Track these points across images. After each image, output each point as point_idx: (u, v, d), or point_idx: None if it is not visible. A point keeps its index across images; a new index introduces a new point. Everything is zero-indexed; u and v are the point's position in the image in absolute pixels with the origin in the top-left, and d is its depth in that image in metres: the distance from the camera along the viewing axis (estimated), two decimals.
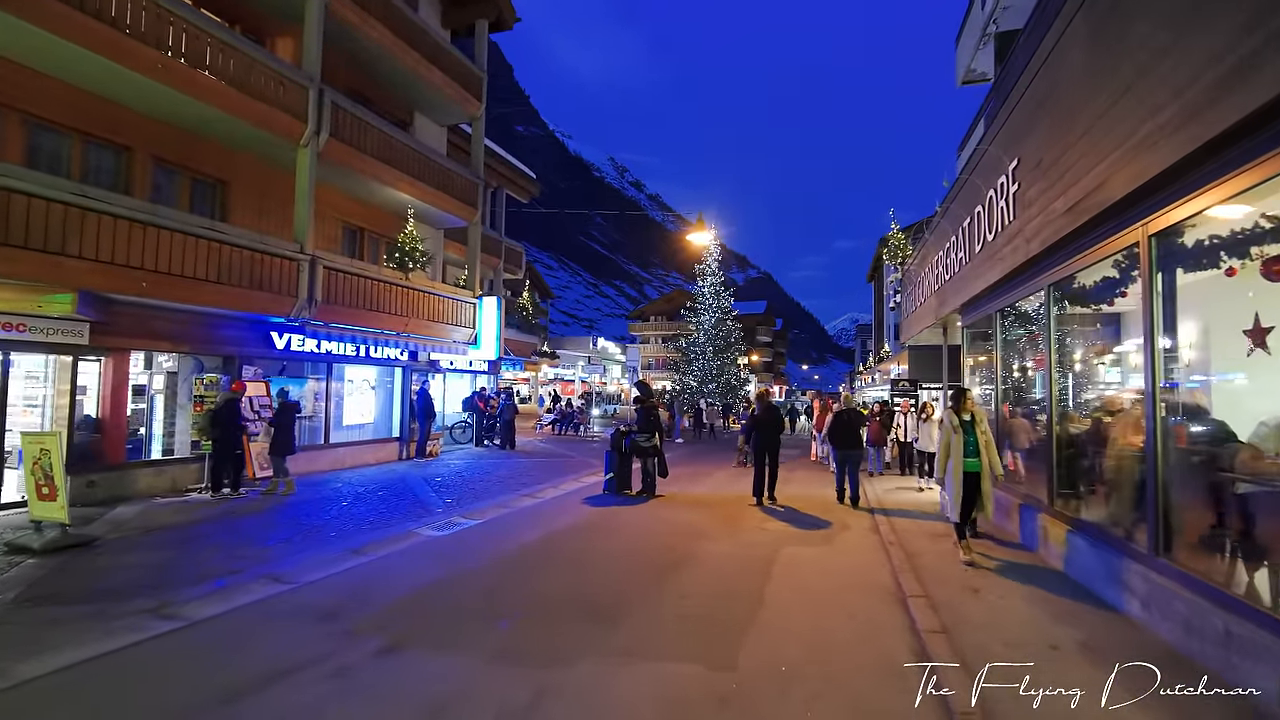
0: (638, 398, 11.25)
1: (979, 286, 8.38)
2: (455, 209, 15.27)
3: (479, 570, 6.33)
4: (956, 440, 6.33)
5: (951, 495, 6.42)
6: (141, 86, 8.86)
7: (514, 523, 8.72)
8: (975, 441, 6.30)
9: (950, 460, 6.38)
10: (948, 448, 6.40)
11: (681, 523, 8.72)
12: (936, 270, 11.17)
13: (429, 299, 14.09)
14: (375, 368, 14.58)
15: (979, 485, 6.31)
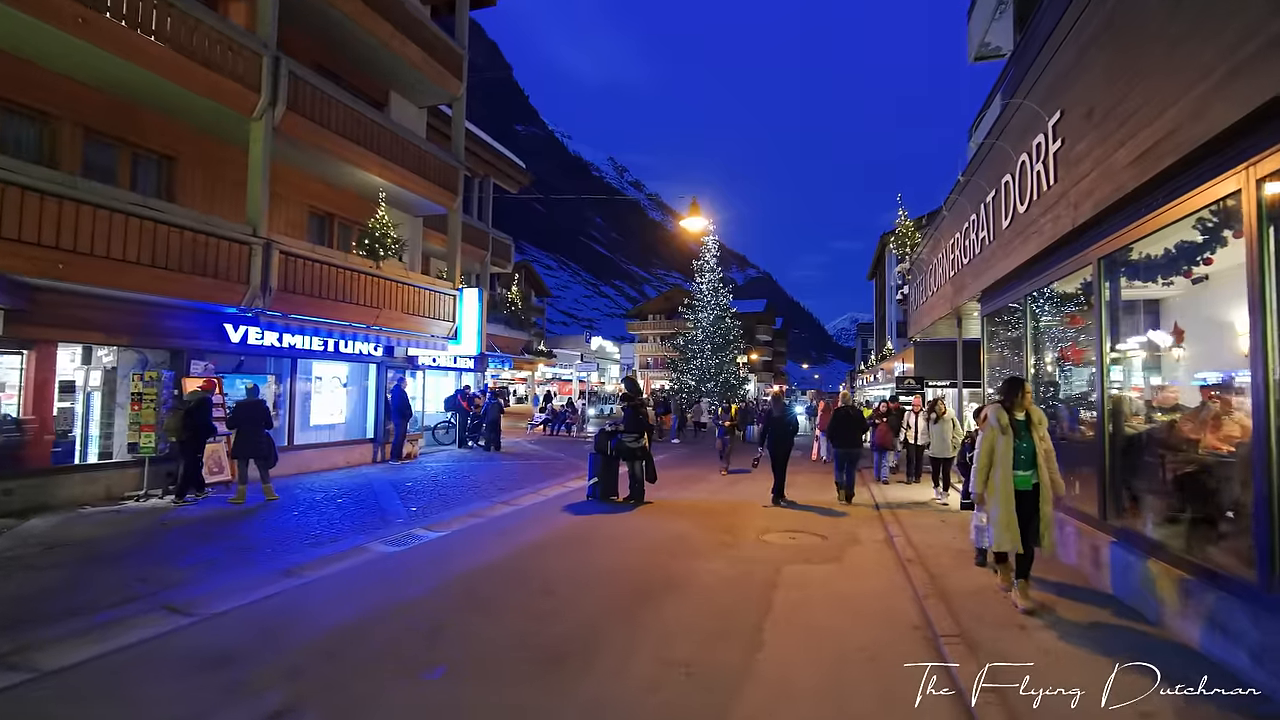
0: (624, 395, 10.27)
1: (1006, 267, 7.39)
2: (433, 194, 14.27)
3: (425, 598, 5.33)
4: (1005, 445, 4.87)
5: (995, 518, 4.84)
6: (60, 44, 7.87)
7: (481, 535, 7.73)
8: (1030, 449, 4.87)
9: (996, 471, 4.89)
10: (990, 454, 4.92)
11: (670, 535, 7.73)
12: (952, 255, 10.18)
13: (403, 290, 13.10)
14: (346, 364, 13.59)
15: (1035, 507, 4.83)
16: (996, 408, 5.07)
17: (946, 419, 10.20)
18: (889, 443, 12.23)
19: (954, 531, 7.80)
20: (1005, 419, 4.97)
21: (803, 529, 8.17)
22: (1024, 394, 5.01)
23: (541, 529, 8.03)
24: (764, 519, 8.82)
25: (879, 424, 12.41)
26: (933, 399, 11.03)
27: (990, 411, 5.11)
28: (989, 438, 5.00)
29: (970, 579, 5.66)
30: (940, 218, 10.83)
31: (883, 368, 37.56)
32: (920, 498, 10.34)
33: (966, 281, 9.41)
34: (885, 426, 12.32)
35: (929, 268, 12.36)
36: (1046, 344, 7.52)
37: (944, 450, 10.07)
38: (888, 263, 49.67)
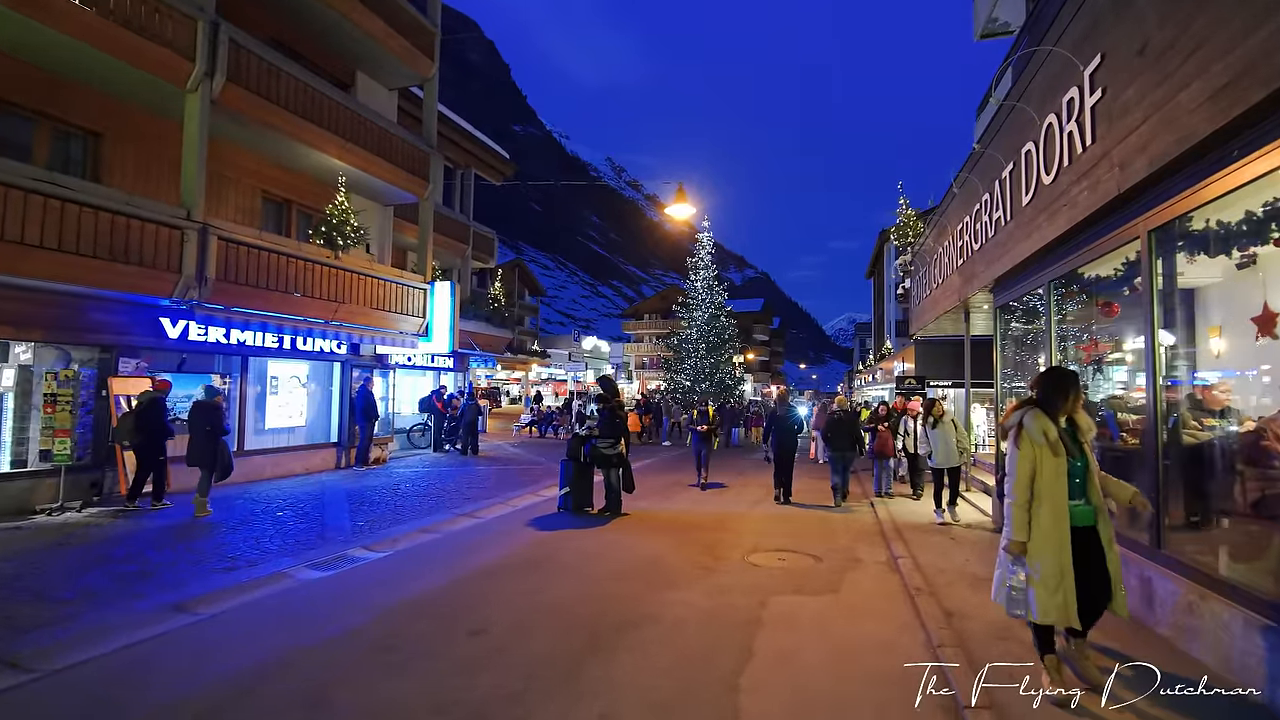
0: (599, 396, 9.32)
1: (1026, 250, 6.44)
2: (401, 181, 13.31)
3: (330, 644, 4.37)
4: (1053, 468, 3.40)
5: (1040, 575, 3.38)
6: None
7: (428, 557, 6.77)
8: (1085, 469, 3.52)
9: (1041, 506, 3.40)
10: (1030, 479, 3.44)
11: (643, 556, 6.77)
12: (960, 241, 9.24)
13: (367, 283, 12.13)
14: (306, 362, 12.62)
15: (1099, 556, 3.45)
16: (1036, 414, 3.52)
17: (946, 422, 8.72)
18: (890, 450, 10.91)
19: (966, 551, 6.85)
20: (1053, 430, 3.45)
21: (794, 547, 7.21)
22: (1075, 395, 3.58)
23: (498, 548, 7.07)
24: (752, 535, 7.87)
25: (879, 429, 11.11)
26: (930, 399, 9.40)
27: (1028, 420, 3.52)
28: (1028, 457, 3.45)
29: (992, 615, 4.71)
30: (948, 199, 9.89)
31: (881, 367, 36.64)
32: (925, 511, 9.39)
33: (977, 270, 8.47)
34: (886, 432, 11.04)
35: (933, 258, 11.42)
36: (1074, 337, 6.57)
37: (949, 458, 8.59)
38: (886, 260, 48.80)
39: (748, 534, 7.92)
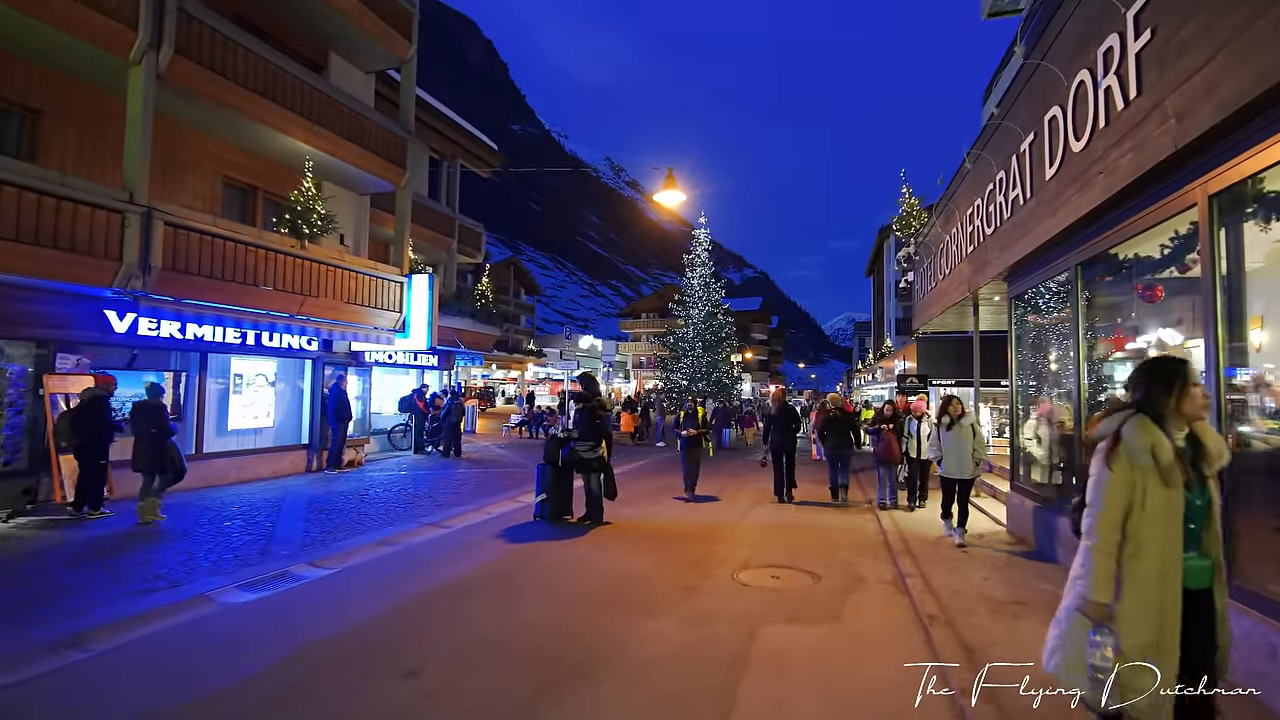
0: (578, 395, 8.60)
1: (1050, 229, 5.73)
2: (376, 168, 12.58)
3: (230, 693, 3.64)
4: (1160, 500, 2.32)
5: (1130, 647, 2.33)
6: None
7: (379, 575, 6.04)
8: (1207, 510, 2.41)
9: (1139, 554, 2.34)
10: (1123, 515, 2.35)
11: (620, 574, 6.05)
12: (970, 226, 8.53)
13: (337, 275, 11.40)
14: (273, 359, 11.89)
15: (1209, 631, 2.43)
16: (1142, 424, 2.38)
17: (964, 425, 7.25)
18: (895, 457, 9.58)
19: (981, 567, 6.12)
20: (1167, 449, 2.33)
21: (790, 562, 6.49)
22: (1188, 391, 2.39)
23: (460, 564, 6.35)
24: (744, 547, 7.14)
25: (883, 431, 9.66)
26: (945, 396, 7.96)
27: (1131, 432, 2.38)
28: (1124, 483, 2.34)
29: (1021, 651, 3.98)
30: (957, 182, 9.17)
31: (881, 366, 35.96)
32: (933, 520, 8.67)
33: (990, 257, 7.75)
34: (891, 436, 9.61)
35: (939, 248, 10.71)
36: (1105, 329, 5.86)
37: (961, 469, 7.19)
38: (886, 258, 48.14)
39: (739, 546, 7.20)
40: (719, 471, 14.27)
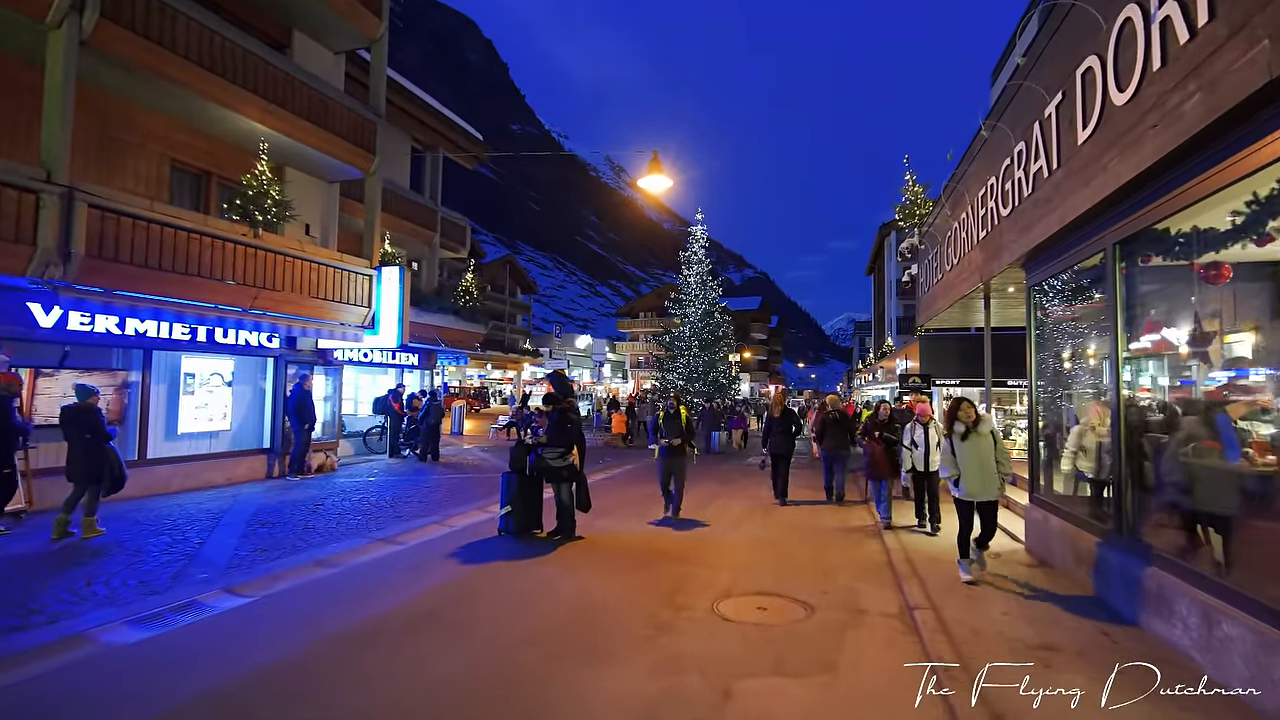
0: (549, 396, 7.75)
1: (1082, 203, 4.90)
2: (341, 152, 11.74)
3: None
4: None
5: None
6: None
7: (302, 605, 5.21)
8: None
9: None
10: None
11: (583, 604, 5.21)
12: (983, 209, 7.68)
13: (296, 266, 10.55)
14: (230, 357, 11.05)
15: None
16: None
17: (983, 433, 5.66)
18: (883, 472, 8.29)
19: (1002, 599, 5.28)
20: None
21: (780, 588, 5.65)
22: None
23: (399, 592, 5.51)
24: (729, 569, 6.30)
25: (870, 442, 8.42)
26: (953, 399, 6.09)
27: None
28: None
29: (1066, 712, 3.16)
30: (967, 161, 8.33)
31: (883, 366, 35.13)
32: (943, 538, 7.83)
33: (1005, 241, 6.91)
34: (877, 447, 8.36)
35: (946, 236, 9.87)
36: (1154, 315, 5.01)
37: (985, 488, 5.58)
38: (887, 256, 47.35)
39: (724, 568, 6.36)
40: (709, 477, 13.43)
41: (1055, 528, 6.11)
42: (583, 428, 7.80)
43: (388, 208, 16.48)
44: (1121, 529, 4.88)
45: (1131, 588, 4.57)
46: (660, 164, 10.45)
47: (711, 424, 18.60)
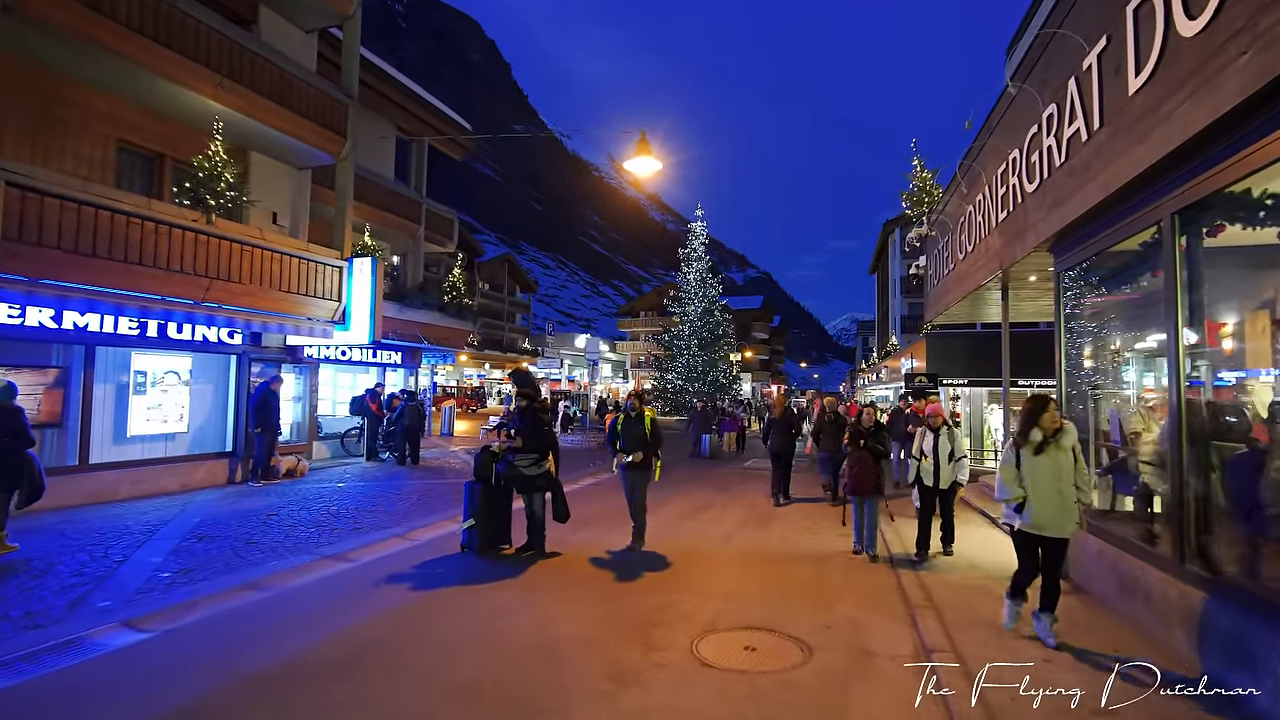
0: (520, 393, 6.96)
1: (1136, 164, 4.09)
2: (308, 135, 10.96)
3: None
4: None
5: None
6: None
7: (205, 643, 4.41)
8: None
9: None
10: None
11: (537, 645, 4.40)
12: (1004, 187, 6.86)
13: (256, 255, 9.77)
14: (187, 354, 10.29)
15: None
16: None
17: (1065, 444, 4.25)
18: (867, 487, 6.69)
19: (1055, 656, 4.45)
20: None
21: (772, 622, 4.83)
22: None
23: (330, 623, 4.72)
24: (715, 595, 5.49)
25: (853, 453, 6.85)
26: (1038, 397, 4.43)
27: None
28: None
29: None
30: (985, 135, 7.50)
31: (887, 365, 34.26)
32: (961, 558, 7.01)
33: (1031, 221, 6.09)
34: (862, 458, 6.73)
35: (959, 222, 9.05)
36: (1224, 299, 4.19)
37: (1061, 521, 4.22)
38: (891, 253, 46.46)
39: (710, 593, 5.55)
40: (704, 482, 12.62)
41: (1094, 550, 5.29)
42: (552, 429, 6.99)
43: (369, 198, 15.74)
44: (1182, 556, 4.06)
45: (1198, 628, 3.75)
46: (649, 145, 9.65)
47: (703, 426, 17.45)
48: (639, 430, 6.82)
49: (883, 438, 7.05)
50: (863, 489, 6.75)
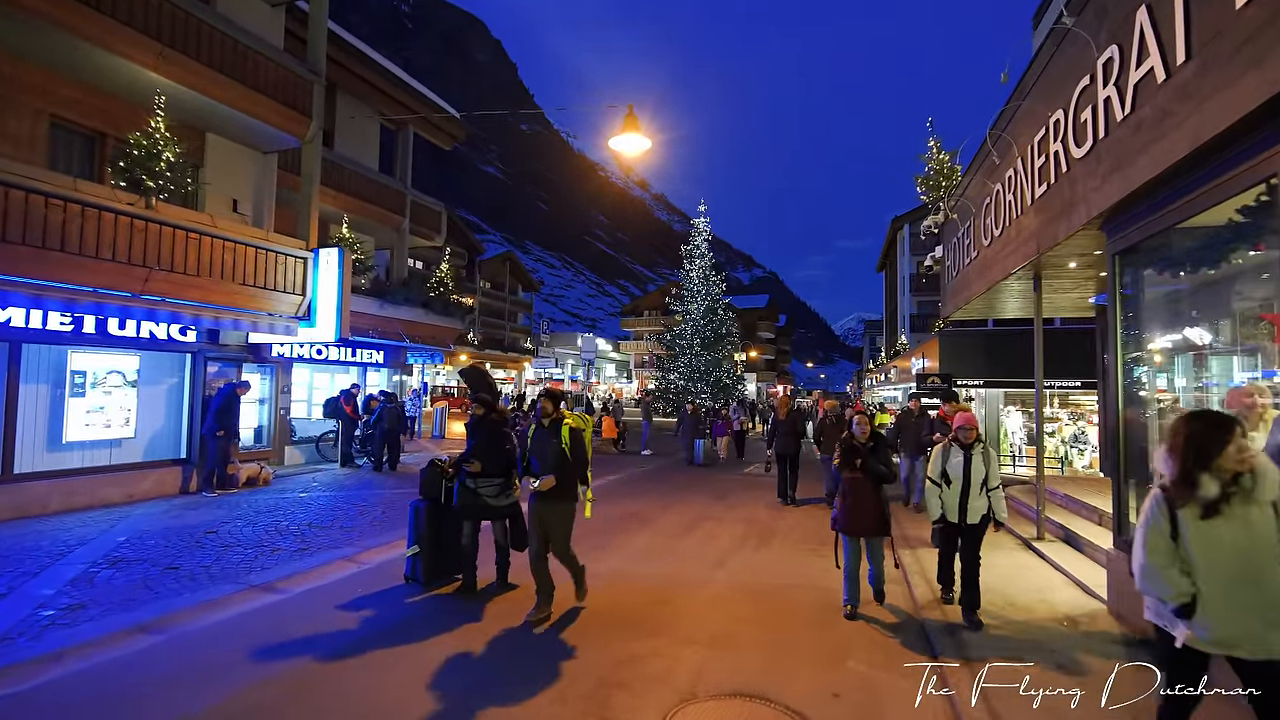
0: (475, 399, 5.99)
1: (1235, 111, 3.11)
2: (269, 114, 10.06)
3: None
4: None
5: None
6: None
7: (30, 716, 3.49)
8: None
9: None
10: None
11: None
12: (1042, 156, 5.86)
13: (204, 244, 8.87)
14: (134, 353, 9.42)
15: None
16: None
17: (1262, 502, 2.47)
18: (868, 526, 5.05)
19: (1094, 695, 3.47)
20: None
21: (767, 684, 3.86)
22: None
23: (209, 685, 3.79)
24: (701, 641, 4.53)
25: (847, 476, 5.14)
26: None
27: None
28: None
29: None
30: (1018, 95, 6.48)
31: (895, 365, 33.19)
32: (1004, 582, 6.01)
33: (1079, 193, 5.10)
34: (856, 488, 5.07)
35: (984, 204, 8.04)
36: None
37: (1261, 631, 2.44)
38: (900, 250, 45.29)
39: (694, 640, 4.59)
40: (700, 490, 11.64)
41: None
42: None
43: (348, 188, 14.88)
44: None
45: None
46: (636, 120, 8.69)
47: (694, 430, 16.04)
48: (554, 445, 4.96)
49: (886, 456, 5.22)
50: (860, 526, 5.00)
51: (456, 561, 5.79)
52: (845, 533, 5.16)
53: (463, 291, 49.36)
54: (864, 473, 5.06)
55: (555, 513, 5.01)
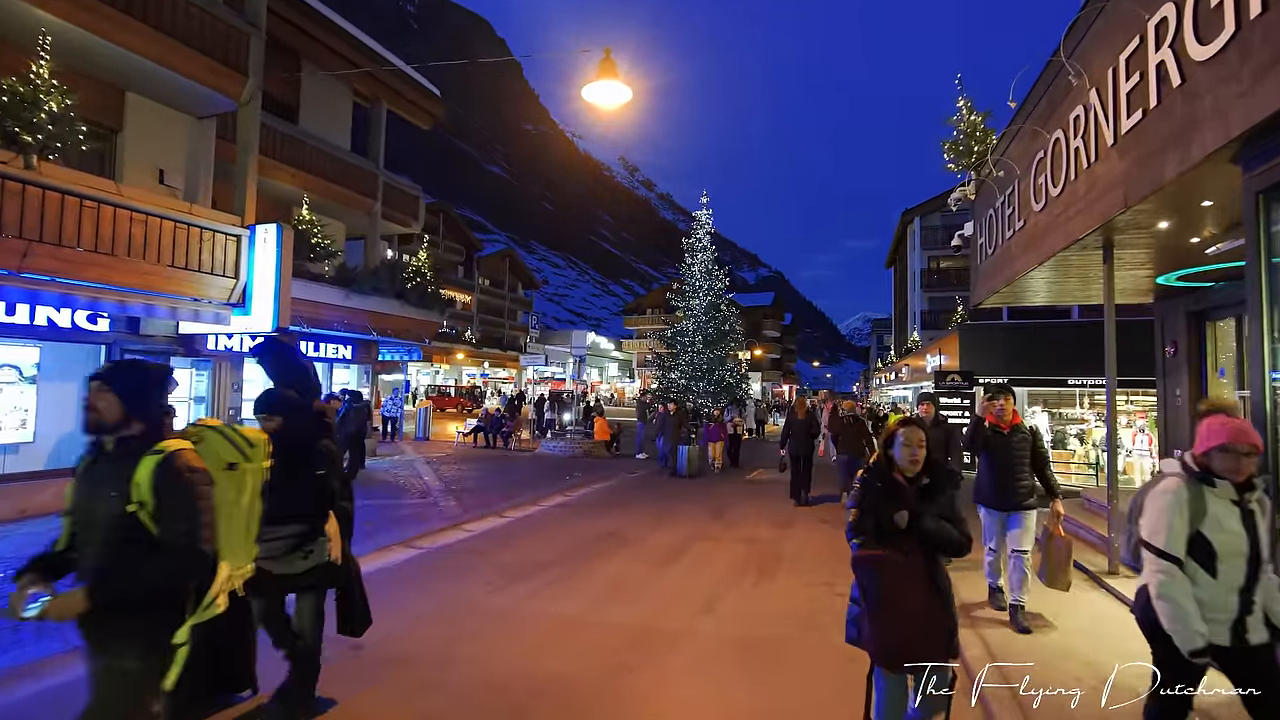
0: (270, 402, 3.60)
1: None
2: (198, 70, 8.71)
3: None
4: None
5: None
6: None
7: None
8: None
9: None
10: None
11: None
12: (1136, 74, 4.40)
13: (107, 215, 7.52)
14: (32, 345, 8.10)
15: None
16: None
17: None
18: (913, 647, 2.67)
19: None
20: None
21: None
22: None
23: None
24: None
25: (883, 552, 2.86)
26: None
27: None
28: None
29: None
30: (1092, 8, 5.01)
31: (907, 364, 31.66)
32: (1074, 636, 4.56)
33: (1207, 108, 3.67)
34: (896, 577, 2.79)
35: (1033, 160, 6.57)
36: None
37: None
38: (909, 245, 43.73)
39: None
40: (695, 502, 10.20)
41: None
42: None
43: (310, 166, 13.54)
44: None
45: None
46: (614, 66, 7.27)
47: (675, 435, 13.89)
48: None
49: (951, 502, 2.85)
50: (904, 649, 2.68)
51: (240, 664, 3.43)
52: (882, 664, 2.81)
53: (460, 289, 48.15)
54: (915, 542, 2.75)
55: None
